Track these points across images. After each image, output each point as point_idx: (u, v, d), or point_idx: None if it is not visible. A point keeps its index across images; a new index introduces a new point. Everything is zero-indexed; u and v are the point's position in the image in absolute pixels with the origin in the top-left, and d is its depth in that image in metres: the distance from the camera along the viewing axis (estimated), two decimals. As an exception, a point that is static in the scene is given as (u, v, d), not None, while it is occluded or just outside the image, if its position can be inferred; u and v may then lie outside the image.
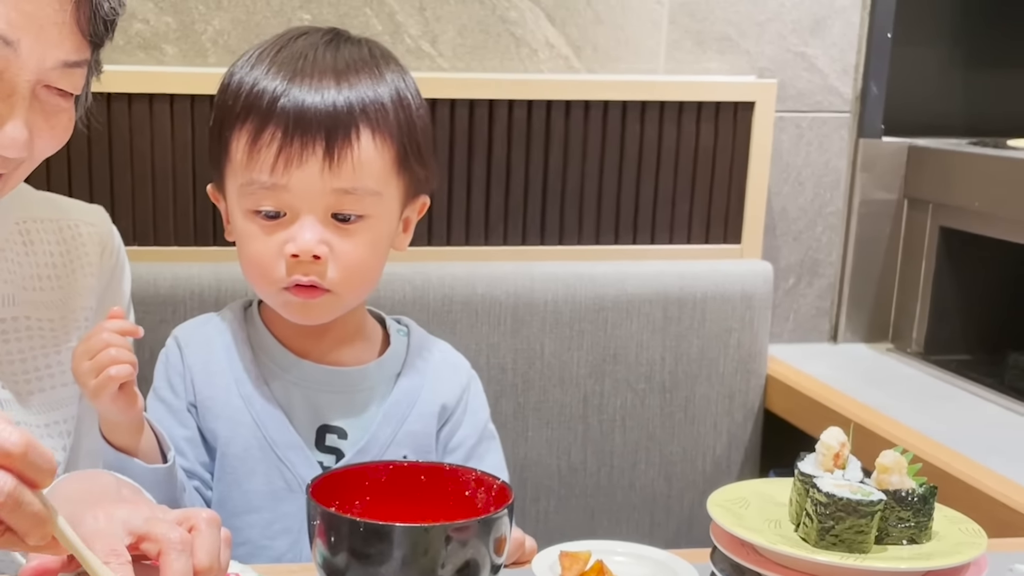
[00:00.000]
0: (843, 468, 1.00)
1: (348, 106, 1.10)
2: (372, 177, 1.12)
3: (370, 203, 1.12)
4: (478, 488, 1.03)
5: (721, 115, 1.83)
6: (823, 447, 1.01)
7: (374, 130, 1.11)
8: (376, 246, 1.15)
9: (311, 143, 1.09)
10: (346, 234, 1.12)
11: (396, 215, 1.17)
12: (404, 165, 1.15)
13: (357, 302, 1.20)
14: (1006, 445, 1.55)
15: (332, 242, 1.12)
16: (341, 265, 1.12)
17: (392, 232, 1.18)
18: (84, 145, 1.62)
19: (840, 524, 0.94)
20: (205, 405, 1.19)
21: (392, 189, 1.15)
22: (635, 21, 1.83)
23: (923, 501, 0.98)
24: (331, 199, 1.11)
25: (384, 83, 1.14)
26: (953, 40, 2.07)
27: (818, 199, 1.98)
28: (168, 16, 1.67)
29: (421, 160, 1.17)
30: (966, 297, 1.94)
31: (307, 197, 1.10)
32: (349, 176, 1.10)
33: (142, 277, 1.58)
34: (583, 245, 1.81)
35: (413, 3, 1.74)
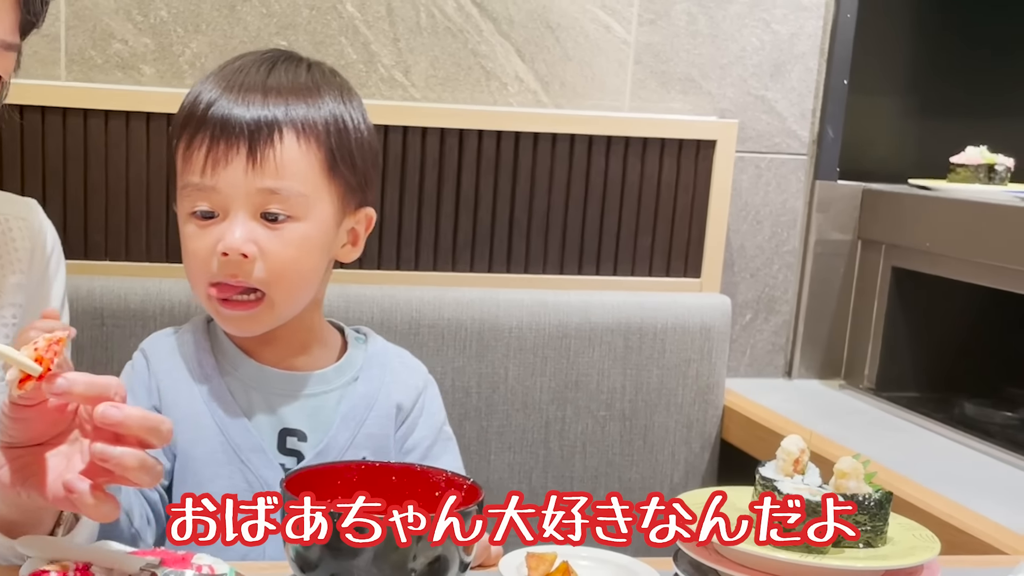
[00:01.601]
0: (802, 473, 1.04)
1: (273, 109, 1.16)
2: (297, 178, 1.16)
3: (297, 204, 1.16)
4: (448, 488, 1.06)
5: (683, 152, 1.89)
6: (783, 453, 1.04)
7: (299, 134, 1.16)
8: (306, 248, 1.18)
9: (235, 145, 1.15)
10: (275, 234, 1.16)
11: (331, 221, 1.21)
12: (334, 170, 1.19)
13: (291, 309, 1.22)
14: (955, 473, 1.60)
15: (261, 241, 1.16)
16: (270, 264, 1.16)
17: (328, 238, 1.21)
18: (59, 160, 1.64)
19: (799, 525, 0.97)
20: (169, 411, 1.22)
21: (323, 193, 1.19)
22: (602, 60, 1.88)
23: (879, 506, 1.01)
24: (258, 199, 1.16)
25: (316, 98, 1.19)
26: (906, 90, 2.15)
27: (775, 238, 2.03)
28: (147, 37, 1.70)
29: (353, 168, 1.21)
30: (917, 336, 2.00)
31: (235, 196, 1.15)
32: (273, 175, 1.15)
33: (113, 291, 1.59)
34: (548, 274, 1.86)
35: (387, 34, 1.79)
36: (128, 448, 0.85)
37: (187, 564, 0.97)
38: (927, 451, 1.72)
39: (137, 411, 0.85)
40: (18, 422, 0.86)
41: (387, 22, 1.78)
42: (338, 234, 1.23)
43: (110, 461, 0.84)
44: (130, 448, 0.85)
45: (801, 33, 1.97)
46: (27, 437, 0.88)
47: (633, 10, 1.88)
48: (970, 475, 1.60)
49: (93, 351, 1.57)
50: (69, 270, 1.56)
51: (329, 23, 1.76)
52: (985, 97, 2.16)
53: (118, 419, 0.84)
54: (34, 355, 0.84)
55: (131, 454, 0.84)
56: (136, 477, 0.85)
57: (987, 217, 1.78)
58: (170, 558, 0.97)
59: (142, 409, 0.87)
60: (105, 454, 0.84)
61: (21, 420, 0.86)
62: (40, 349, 0.85)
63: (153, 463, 0.87)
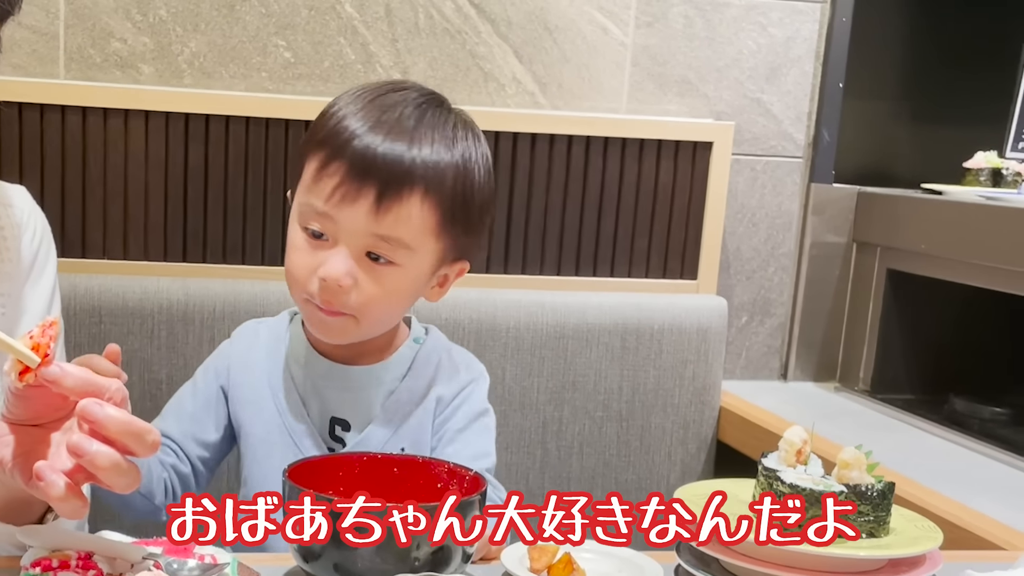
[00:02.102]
0: (805, 464, 1.04)
1: (409, 164, 1.18)
2: (410, 233, 1.20)
3: (402, 255, 1.20)
4: (451, 479, 1.06)
5: (680, 153, 1.89)
6: (786, 444, 1.04)
7: (426, 192, 1.19)
8: (398, 293, 1.24)
9: (366, 187, 1.17)
10: (373, 273, 1.20)
11: (428, 271, 1.25)
12: (445, 230, 1.22)
13: (374, 333, 1.28)
14: (951, 472, 1.60)
15: (359, 276, 1.20)
16: (362, 298, 1.21)
17: (419, 284, 1.26)
18: (58, 158, 1.64)
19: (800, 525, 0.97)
20: (235, 390, 1.32)
21: (428, 248, 1.22)
22: (599, 62, 1.89)
23: (882, 496, 1.01)
24: (369, 240, 1.19)
25: (452, 153, 1.22)
26: (900, 94, 2.17)
27: (771, 240, 2.04)
28: (145, 36, 1.70)
29: (467, 228, 1.25)
30: (912, 338, 2.01)
31: (349, 233, 1.18)
32: (390, 226, 1.18)
33: (111, 289, 1.59)
34: (545, 275, 1.86)
35: (386, 35, 1.79)
36: (105, 448, 0.82)
37: (189, 554, 0.97)
38: (923, 451, 1.72)
39: (119, 414, 0.83)
40: (21, 400, 0.86)
41: (386, 23, 1.79)
42: (431, 279, 1.28)
43: (84, 457, 0.82)
44: (108, 448, 0.82)
45: (797, 37, 1.99)
46: (27, 416, 0.87)
47: (630, 13, 1.89)
48: (966, 473, 1.61)
49: (91, 349, 1.54)
50: (67, 268, 1.57)
51: (328, 23, 1.76)
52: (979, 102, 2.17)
53: (97, 417, 0.82)
54: (30, 343, 0.84)
55: (105, 454, 0.82)
56: (107, 478, 0.83)
57: (980, 219, 1.79)
58: (172, 548, 0.97)
59: (128, 414, 0.85)
60: (80, 448, 0.81)
61: (23, 399, 0.86)
62: (35, 336, 0.85)
63: (128, 468, 0.84)
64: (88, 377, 0.84)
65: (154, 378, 1.61)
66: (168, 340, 1.61)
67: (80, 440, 0.82)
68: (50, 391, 0.84)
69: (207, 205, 1.71)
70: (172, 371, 1.60)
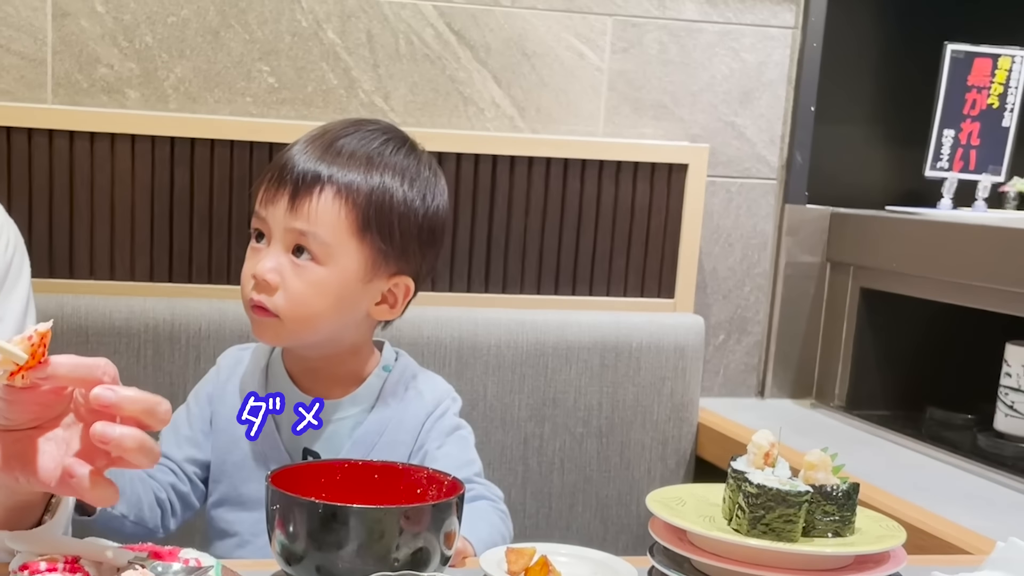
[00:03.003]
0: (773, 466, 1.07)
1: (323, 165, 1.30)
2: (324, 228, 1.29)
3: (322, 251, 1.29)
4: (430, 485, 1.09)
5: (656, 175, 1.94)
6: (754, 447, 1.08)
7: (338, 193, 1.29)
8: (323, 292, 1.29)
9: (284, 186, 1.29)
10: (299, 270, 1.29)
11: (354, 276, 1.30)
12: (366, 235, 1.29)
13: (302, 336, 1.32)
14: (923, 483, 1.64)
15: (285, 273, 1.29)
16: (287, 296, 1.29)
17: (348, 290, 1.31)
18: (46, 180, 1.67)
19: (770, 513, 1.01)
20: (217, 418, 1.38)
21: (349, 249, 1.29)
22: (577, 86, 1.94)
23: (847, 496, 1.05)
24: (291, 236, 1.29)
25: (371, 170, 1.31)
26: (871, 117, 2.22)
27: (746, 260, 2.08)
28: (132, 62, 1.74)
29: (389, 237, 1.31)
30: (885, 354, 2.05)
31: (275, 228, 1.30)
32: (305, 220, 1.28)
33: (98, 309, 1.62)
34: (525, 294, 1.90)
35: (368, 60, 1.83)
36: (129, 429, 0.85)
37: (175, 558, 0.99)
38: (896, 463, 1.76)
39: (132, 391, 0.86)
40: (13, 404, 0.88)
41: (367, 49, 1.83)
42: (366, 291, 1.32)
43: (110, 442, 0.85)
44: (131, 429, 0.86)
45: (769, 62, 2.04)
46: (23, 420, 0.89)
47: (606, 39, 1.94)
48: (938, 483, 1.64)
49: (77, 368, 1.59)
50: (55, 288, 1.60)
51: (311, 49, 1.81)
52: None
53: (112, 400, 0.85)
54: (28, 347, 0.87)
55: (130, 435, 0.85)
56: (134, 458, 0.86)
57: (950, 237, 1.84)
58: (158, 552, 0.99)
59: (136, 389, 0.88)
60: (105, 435, 0.84)
61: (16, 403, 0.87)
62: (33, 340, 0.87)
63: (152, 444, 0.88)
64: (77, 361, 0.86)
65: (140, 396, 1.63)
66: (154, 359, 1.64)
67: (103, 428, 0.85)
68: (41, 392, 0.87)
69: (193, 227, 1.74)
70: (158, 389, 1.59)
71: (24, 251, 1.29)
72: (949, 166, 2.02)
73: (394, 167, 1.33)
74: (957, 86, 2.01)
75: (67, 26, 1.71)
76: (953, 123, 2.02)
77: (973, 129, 2.00)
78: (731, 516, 1.05)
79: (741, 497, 1.03)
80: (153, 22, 1.74)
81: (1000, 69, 1.98)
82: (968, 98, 2.01)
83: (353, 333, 1.35)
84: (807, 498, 1.01)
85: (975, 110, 2.00)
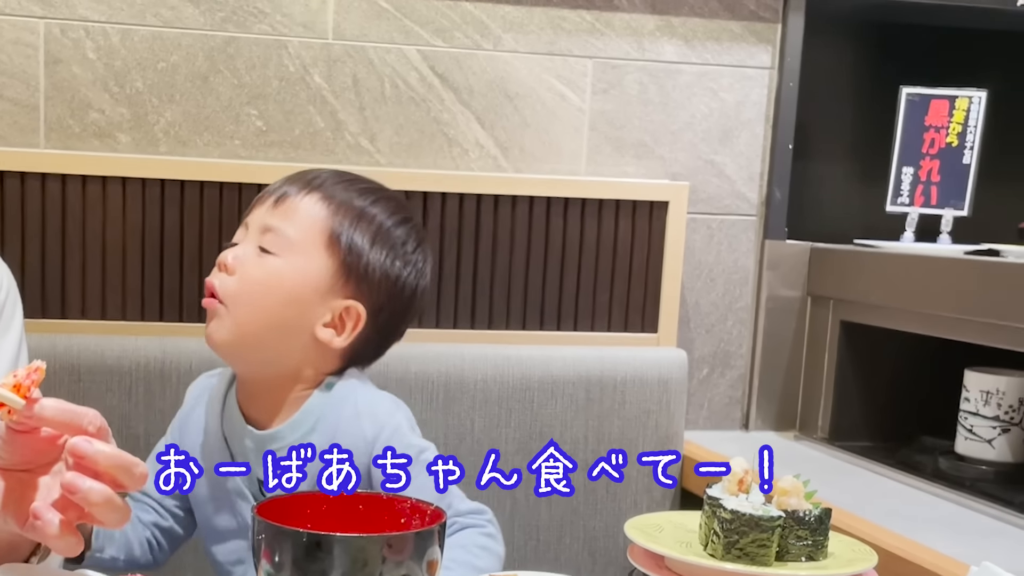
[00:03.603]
0: (747, 492, 1.10)
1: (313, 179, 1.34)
2: (296, 225, 1.30)
3: (284, 243, 1.30)
4: (413, 515, 1.11)
5: (638, 213, 1.98)
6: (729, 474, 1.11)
7: (324, 198, 1.31)
8: (275, 282, 1.29)
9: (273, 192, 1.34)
10: (259, 260, 1.30)
11: (311, 280, 1.30)
12: (335, 243, 1.31)
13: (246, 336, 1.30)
14: (903, 511, 1.66)
15: (246, 261, 1.30)
16: (240, 280, 1.29)
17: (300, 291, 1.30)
18: (38, 223, 1.71)
19: (744, 538, 1.04)
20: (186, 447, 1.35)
21: (314, 253, 1.30)
22: (558, 127, 1.98)
23: (819, 521, 1.08)
24: (263, 235, 1.31)
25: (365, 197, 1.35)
26: (847, 154, 2.26)
27: (728, 295, 2.12)
28: (123, 107, 1.78)
29: (357, 259, 1.31)
30: (867, 386, 2.08)
31: (252, 225, 1.32)
32: (280, 216, 1.31)
33: (90, 348, 1.65)
34: (511, 329, 1.93)
35: (354, 103, 1.88)
36: (98, 484, 0.85)
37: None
38: (879, 493, 1.78)
39: (109, 449, 0.86)
40: (9, 445, 0.90)
41: (353, 92, 1.88)
42: (318, 304, 1.31)
43: (77, 493, 0.85)
44: (100, 484, 0.85)
45: (747, 101, 2.08)
46: (17, 461, 0.91)
47: (587, 80, 1.99)
48: (917, 512, 1.67)
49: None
50: (48, 328, 1.63)
51: (298, 93, 1.85)
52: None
53: (87, 452, 0.85)
54: (13, 381, 0.88)
55: (98, 490, 0.85)
56: (100, 514, 0.86)
57: (927, 270, 1.88)
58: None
59: (115, 448, 0.89)
60: (74, 485, 0.85)
61: (12, 444, 0.89)
62: (19, 376, 0.89)
63: (121, 504, 0.87)
64: (63, 406, 0.88)
65: (132, 433, 1.66)
66: (145, 397, 1.67)
67: (73, 478, 0.85)
68: (38, 436, 0.88)
69: (183, 266, 1.78)
70: (149, 426, 1.65)
71: (17, 294, 1.32)
72: (910, 201, 2.07)
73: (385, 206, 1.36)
74: (915, 126, 2.08)
75: (59, 72, 1.75)
76: (912, 161, 2.07)
77: (933, 166, 2.06)
78: (707, 541, 1.08)
79: (716, 523, 1.06)
80: (144, 68, 1.78)
81: (958, 110, 2.04)
82: (926, 137, 2.07)
83: (298, 356, 1.32)
84: (779, 523, 1.05)
85: (934, 148, 2.06)
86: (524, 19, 1.94)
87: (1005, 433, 1.82)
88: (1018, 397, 1.82)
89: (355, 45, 1.87)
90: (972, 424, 1.84)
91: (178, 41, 1.79)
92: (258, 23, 1.82)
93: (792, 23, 2.06)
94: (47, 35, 1.74)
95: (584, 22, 1.97)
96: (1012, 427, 1.82)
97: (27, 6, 1.73)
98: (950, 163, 2.05)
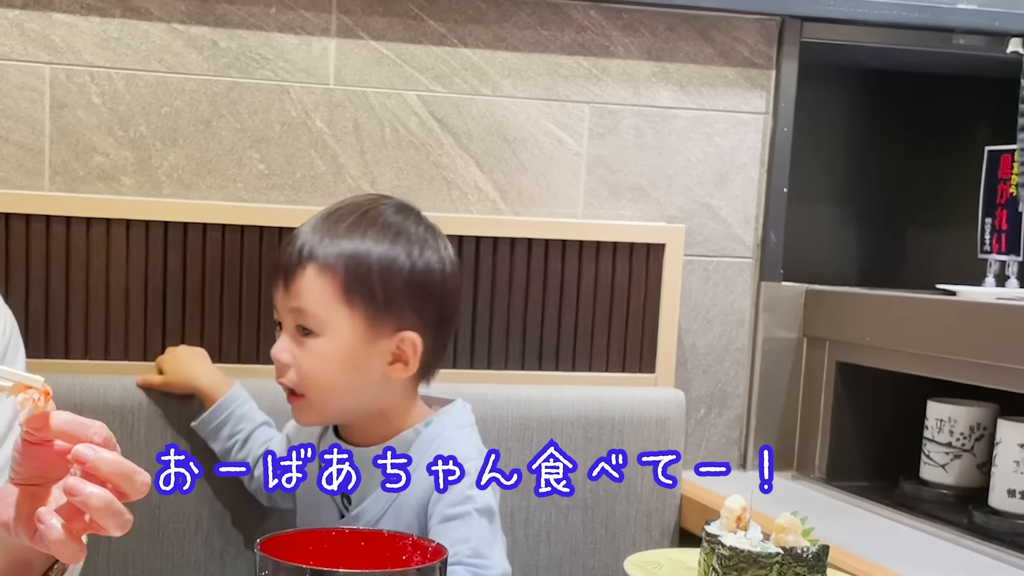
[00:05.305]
0: (745, 529, 1.12)
1: (303, 248, 1.41)
2: (314, 302, 1.39)
3: (320, 324, 1.39)
4: (414, 552, 1.12)
5: (635, 255, 2.00)
6: (726, 511, 1.12)
7: (319, 269, 1.39)
8: (326, 360, 1.40)
9: (280, 273, 1.44)
10: (305, 347, 1.40)
11: (354, 341, 1.40)
12: (350, 298, 1.38)
13: (335, 409, 1.44)
14: (899, 550, 1.67)
15: (295, 352, 1.41)
16: (300, 372, 1.41)
17: (353, 356, 1.40)
18: (43, 264, 1.73)
19: (743, 574, 1.05)
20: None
21: (341, 316, 1.39)
22: (556, 171, 2.01)
23: (817, 558, 1.09)
24: (293, 316, 1.41)
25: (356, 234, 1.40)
26: (842, 198, 2.30)
27: (725, 336, 2.14)
28: (127, 151, 1.81)
29: (372, 298, 1.39)
30: (863, 426, 2.10)
31: (282, 312, 1.44)
32: (297, 298, 1.40)
33: (93, 388, 1.67)
34: (510, 369, 1.94)
35: (355, 147, 1.91)
36: (99, 489, 0.86)
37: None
38: (875, 532, 1.79)
39: (112, 456, 0.88)
40: (23, 457, 0.91)
41: (354, 136, 1.90)
42: (373, 353, 1.41)
43: (77, 496, 0.86)
44: (101, 489, 0.87)
45: (742, 145, 2.11)
46: (30, 474, 0.92)
47: (584, 125, 2.02)
48: (913, 550, 1.68)
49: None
50: (51, 368, 1.64)
51: (299, 137, 1.88)
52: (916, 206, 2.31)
53: (90, 458, 0.86)
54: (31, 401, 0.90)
55: (99, 495, 0.86)
56: (99, 518, 0.87)
57: (920, 312, 1.90)
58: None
59: (118, 456, 0.90)
60: (75, 489, 0.86)
61: (25, 456, 0.91)
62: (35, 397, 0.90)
63: (121, 511, 0.88)
64: (73, 417, 0.90)
65: (132, 474, 1.66)
66: (147, 436, 1.68)
67: (75, 482, 0.87)
68: (50, 448, 0.90)
69: (185, 308, 1.80)
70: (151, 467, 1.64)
71: (19, 337, 1.34)
72: (990, 249, 2.11)
73: (380, 226, 1.42)
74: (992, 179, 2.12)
75: (64, 117, 1.78)
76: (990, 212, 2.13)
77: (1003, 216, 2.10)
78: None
79: (715, 559, 1.07)
80: (147, 112, 1.81)
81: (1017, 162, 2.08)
82: (999, 189, 2.12)
83: (380, 397, 1.43)
84: (778, 559, 1.06)
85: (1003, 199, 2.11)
86: (522, 65, 1.97)
87: (956, 459, 1.90)
88: (969, 425, 1.89)
89: (356, 90, 1.90)
90: (930, 450, 1.93)
91: (182, 86, 1.82)
92: (260, 69, 1.85)
93: (786, 69, 2.10)
94: (53, 80, 1.77)
95: (581, 68, 2.00)
96: (964, 453, 1.89)
97: (33, 52, 1.76)
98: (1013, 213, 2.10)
